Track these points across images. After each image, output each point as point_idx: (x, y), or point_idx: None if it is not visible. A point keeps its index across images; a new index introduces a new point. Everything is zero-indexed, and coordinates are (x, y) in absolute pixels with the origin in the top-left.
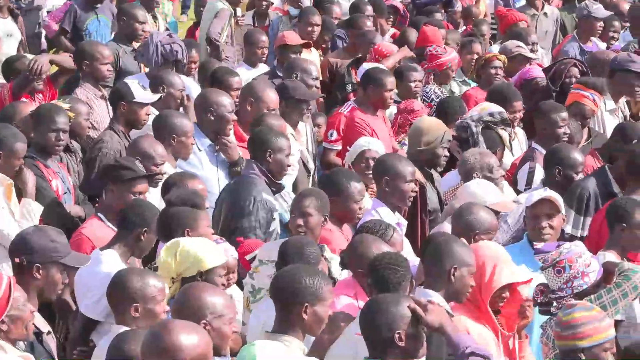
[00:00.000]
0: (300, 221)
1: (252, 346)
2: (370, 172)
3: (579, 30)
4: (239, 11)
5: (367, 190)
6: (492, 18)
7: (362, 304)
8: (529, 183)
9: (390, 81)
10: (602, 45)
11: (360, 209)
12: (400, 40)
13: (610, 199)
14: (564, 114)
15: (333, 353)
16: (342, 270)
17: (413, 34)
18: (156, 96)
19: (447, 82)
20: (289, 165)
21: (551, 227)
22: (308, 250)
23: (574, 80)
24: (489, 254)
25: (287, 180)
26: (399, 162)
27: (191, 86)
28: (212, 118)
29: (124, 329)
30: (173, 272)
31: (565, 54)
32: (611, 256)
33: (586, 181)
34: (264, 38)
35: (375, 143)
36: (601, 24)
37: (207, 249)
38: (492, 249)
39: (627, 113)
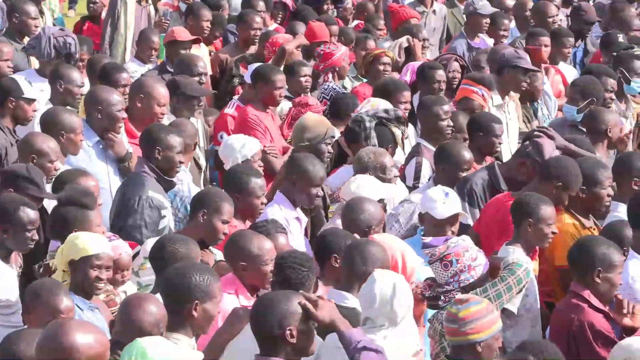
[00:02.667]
0: (227, 229)
1: (137, 341)
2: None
3: (466, 27)
4: None
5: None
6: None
7: (242, 299)
8: (416, 178)
9: (280, 79)
10: (490, 42)
11: (262, 204)
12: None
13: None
14: (446, 107)
15: (235, 347)
16: None
17: (301, 28)
18: (44, 93)
19: (345, 75)
20: (181, 163)
21: (452, 233)
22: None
23: (457, 75)
24: (396, 246)
25: (184, 177)
26: (312, 166)
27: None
28: (100, 116)
29: None
30: (63, 264)
31: (453, 51)
32: (520, 251)
33: (475, 175)
34: (156, 39)
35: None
36: (487, 20)
37: (92, 238)
38: (394, 241)
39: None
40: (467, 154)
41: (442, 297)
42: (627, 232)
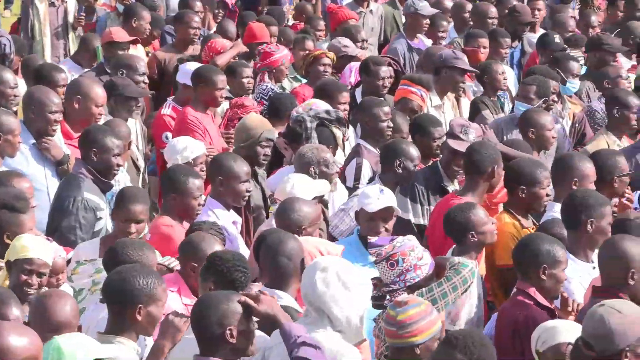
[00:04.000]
0: (134, 228)
1: (54, 339)
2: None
3: (406, 27)
4: None
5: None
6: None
7: (185, 299)
8: (357, 179)
9: (221, 79)
10: (429, 42)
11: (199, 205)
12: (220, 34)
13: (442, 193)
14: (386, 109)
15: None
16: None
17: (232, 27)
18: None
19: (281, 79)
20: (118, 165)
21: (386, 229)
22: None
23: (389, 77)
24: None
25: (122, 178)
26: (234, 162)
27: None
28: (35, 117)
29: None
30: (4, 262)
31: (393, 51)
32: (471, 261)
33: (418, 173)
34: (95, 44)
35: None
36: (427, 21)
37: (31, 242)
38: (315, 242)
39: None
40: (415, 150)
41: (388, 297)
42: (560, 230)
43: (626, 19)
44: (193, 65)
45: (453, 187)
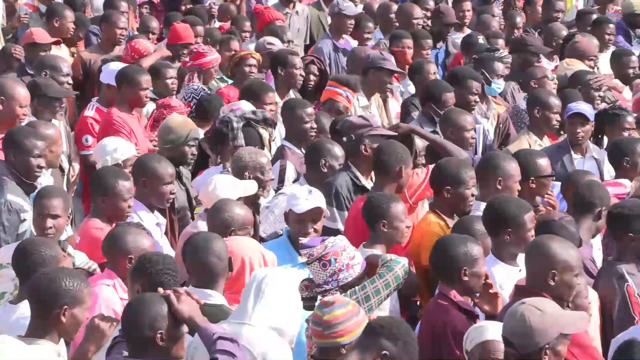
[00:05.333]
0: (50, 223)
1: None
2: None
3: (331, 27)
4: None
5: None
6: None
7: (122, 293)
8: (280, 181)
9: (146, 79)
10: (354, 43)
11: (129, 207)
12: (142, 32)
13: (362, 191)
14: (309, 110)
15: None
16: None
17: (154, 23)
18: None
19: (209, 81)
20: (40, 167)
21: (315, 230)
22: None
23: (311, 77)
24: (245, 251)
25: (44, 180)
26: (157, 164)
27: None
28: None
29: None
30: None
31: (318, 51)
32: (378, 252)
33: (337, 177)
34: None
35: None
36: (352, 21)
37: None
38: (243, 246)
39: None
40: (340, 151)
41: (320, 297)
42: (478, 226)
43: (545, 21)
44: (116, 66)
45: (370, 183)
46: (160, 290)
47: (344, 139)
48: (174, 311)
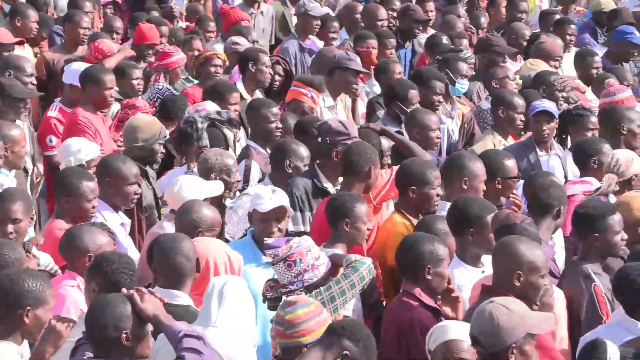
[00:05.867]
0: (11, 228)
1: None
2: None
3: (297, 27)
4: None
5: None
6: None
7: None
8: (245, 181)
9: (110, 79)
10: (320, 43)
11: (93, 207)
12: (106, 31)
13: (323, 194)
14: (275, 110)
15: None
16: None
17: (118, 23)
18: None
19: (175, 81)
20: None
21: (280, 230)
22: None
23: (276, 77)
24: (211, 252)
25: (6, 182)
26: (122, 164)
27: None
28: None
29: None
30: None
31: (284, 51)
32: (339, 252)
33: (296, 179)
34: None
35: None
36: (318, 22)
37: None
38: (210, 245)
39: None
40: (305, 151)
41: (285, 297)
42: (440, 225)
43: (508, 21)
44: (79, 66)
45: (333, 188)
46: (124, 290)
47: (319, 139)
48: (138, 310)
